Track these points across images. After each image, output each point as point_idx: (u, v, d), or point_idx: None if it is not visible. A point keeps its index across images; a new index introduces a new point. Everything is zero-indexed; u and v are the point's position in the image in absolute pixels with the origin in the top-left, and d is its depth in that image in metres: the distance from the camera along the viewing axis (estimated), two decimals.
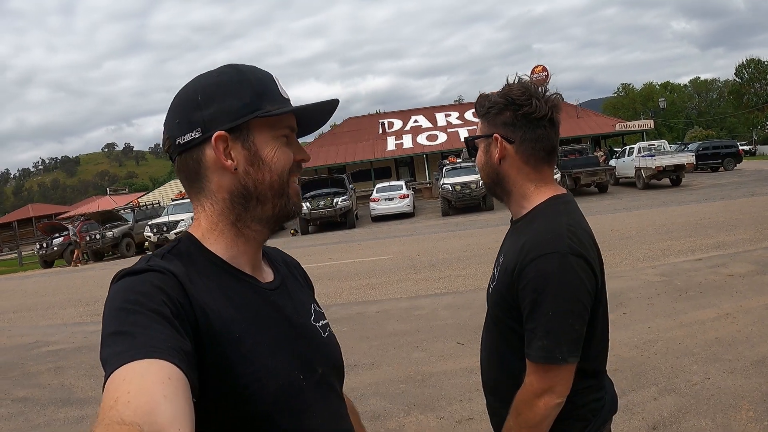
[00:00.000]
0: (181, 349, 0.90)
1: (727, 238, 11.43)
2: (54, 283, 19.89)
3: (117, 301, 0.96)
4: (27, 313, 13.38)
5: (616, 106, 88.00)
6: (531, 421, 1.58)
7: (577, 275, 1.55)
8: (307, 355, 1.19)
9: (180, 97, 1.17)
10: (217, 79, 1.15)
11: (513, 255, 1.65)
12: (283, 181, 1.18)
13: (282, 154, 1.17)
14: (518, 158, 1.72)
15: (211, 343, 1.01)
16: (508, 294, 1.65)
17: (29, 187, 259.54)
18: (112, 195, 63.96)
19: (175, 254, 1.12)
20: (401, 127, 45.71)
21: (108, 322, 0.94)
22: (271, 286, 1.22)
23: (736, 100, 76.10)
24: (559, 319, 1.53)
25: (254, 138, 1.15)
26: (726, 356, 5.28)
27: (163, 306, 0.95)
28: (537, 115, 1.66)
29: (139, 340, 0.87)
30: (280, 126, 1.17)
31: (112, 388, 0.80)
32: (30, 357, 8.64)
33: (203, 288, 1.06)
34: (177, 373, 0.84)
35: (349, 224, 25.61)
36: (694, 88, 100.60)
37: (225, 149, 1.12)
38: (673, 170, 25.47)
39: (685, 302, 7.19)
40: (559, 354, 1.53)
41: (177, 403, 0.80)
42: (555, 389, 1.55)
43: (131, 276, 1.02)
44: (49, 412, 6.03)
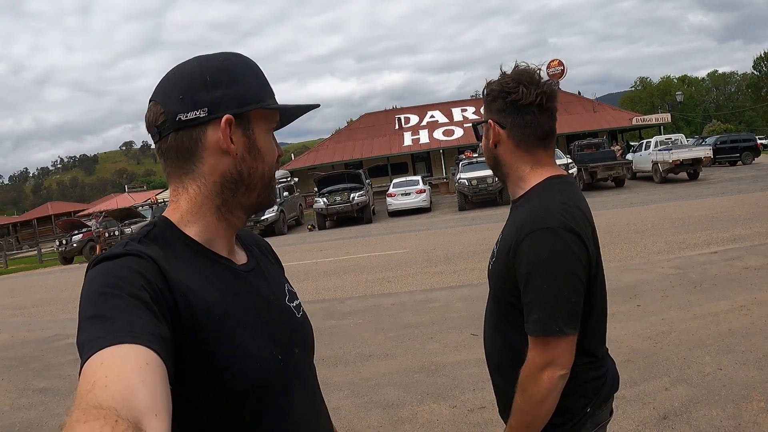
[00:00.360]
0: (159, 335, 0.88)
1: (743, 231, 11.37)
2: (74, 278, 20.10)
3: (95, 285, 0.94)
4: (47, 307, 13.57)
5: (633, 100, 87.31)
6: (537, 396, 1.60)
7: (570, 249, 1.59)
8: (285, 336, 1.20)
9: (183, 73, 1.15)
10: (225, 63, 1.16)
11: (510, 233, 1.71)
12: (272, 173, 1.22)
13: (272, 148, 1.22)
14: (510, 142, 1.79)
15: (191, 326, 1.00)
16: (506, 270, 1.69)
17: (48, 186, 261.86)
18: (130, 192, 64.46)
19: (152, 238, 1.11)
20: (417, 123, 45.61)
21: (85, 307, 0.92)
22: (247, 268, 1.23)
23: (754, 94, 75.33)
24: (554, 292, 1.58)
25: (253, 127, 1.17)
26: (739, 348, 5.28)
27: (142, 290, 0.94)
28: (524, 101, 1.72)
29: (117, 324, 0.86)
30: (272, 120, 1.22)
31: (90, 372, 0.79)
32: (50, 349, 8.79)
33: (181, 271, 1.05)
34: (155, 358, 0.83)
35: (366, 219, 25.63)
36: (712, 81, 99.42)
37: (230, 133, 1.13)
38: (690, 164, 25.25)
39: (699, 294, 7.18)
40: (555, 326, 1.56)
41: (154, 388, 0.79)
42: (557, 361, 1.59)
43: (109, 260, 1.00)
44: (69, 403, 6.08)
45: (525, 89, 1.71)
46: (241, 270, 1.20)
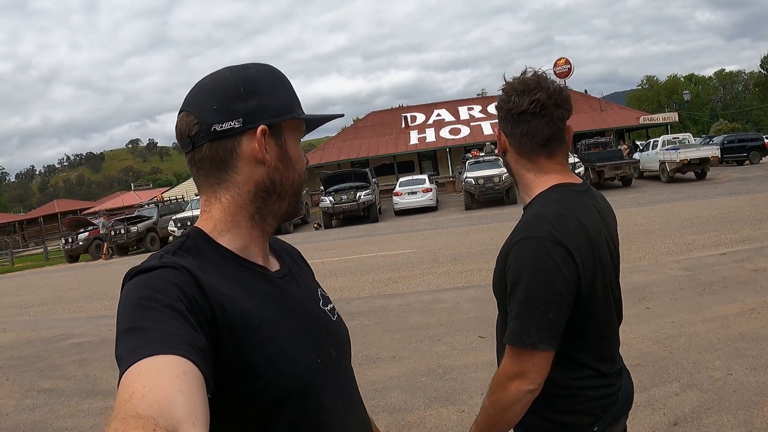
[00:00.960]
0: (196, 345, 0.90)
1: (752, 232, 11.27)
2: (79, 277, 20.16)
3: (131, 298, 0.97)
4: (52, 306, 13.59)
5: (640, 99, 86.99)
6: (502, 403, 1.59)
7: (552, 261, 1.55)
8: (321, 340, 1.21)
9: (216, 83, 1.17)
10: (256, 74, 1.18)
11: (507, 241, 1.69)
12: (301, 181, 1.25)
13: (302, 156, 1.24)
14: (513, 150, 1.80)
15: (228, 335, 1.01)
16: (500, 277, 1.69)
17: (54, 183, 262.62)
18: (136, 190, 64.61)
19: (186, 249, 1.13)
20: (424, 121, 45.59)
21: (122, 319, 0.94)
22: (280, 275, 1.25)
23: (762, 93, 74.92)
24: (531, 304, 1.55)
25: (285, 137, 1.20)
26: (749, 352, 5.21)
27: (178, 302, 0.96)
28: (516, 110, 1.71)
29: (154, 335, 0.88)
30: (300, 129, 1.25)
31: (128, 383, 0.81)
32: (55, 349, 8.78)
33: (217, 281, 1.06)
34: (192, 368, 0.85)
35: (372, 218, 25.60)
36: (719, 80, 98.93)
37: (264, 143, 1.15)
38: (697, 163, 25.15)
39: (708, 297, 7.11)
40: (527, 338, 1.53)
41: (192, 397, 0.80)
42: (527, 375, 1.55)
43: (144, 273, 1.02)
44: (74, 403, 6.13)
45: (517, 98, 1.70)
46: (275, 277, 1.22)
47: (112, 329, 4.33)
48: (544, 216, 1.63)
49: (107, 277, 18.20)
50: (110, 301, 12.82)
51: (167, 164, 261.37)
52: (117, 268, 21.17)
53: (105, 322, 10.36)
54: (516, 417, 1.61)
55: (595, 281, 1.65)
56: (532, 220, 1.64)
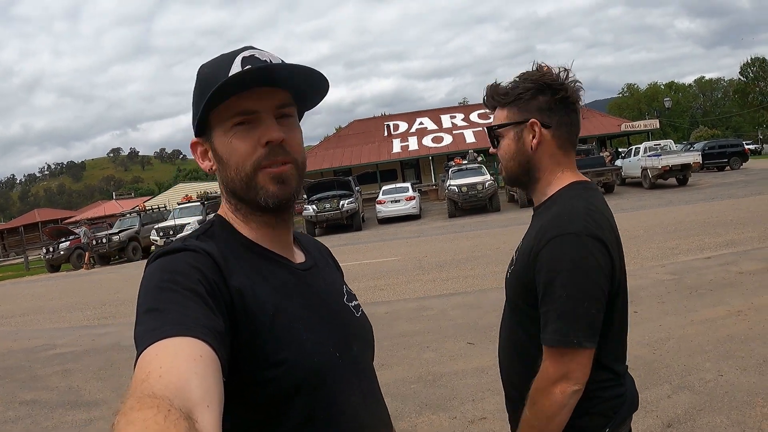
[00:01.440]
0: (213, 328, 0.90)
1: (735, 236, 11.37)
2: (61, 286, 19.93)
3: (153, 279, 0.98)
4: (34, 316, 13.41)
5: (621, 107, 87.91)
6: (548, 411, 1.51)
7: (593, 257, 1.51)
8: (342, 334, 1.19)
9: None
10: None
11: (530, 238, 1.63)
12: (244, 175, 1.13)
13: (237, 146, 1.12)
14: (554, 143, 1.68)
15: (245, 321, 1.02)
16: (525, 277, 1.61)
17: (35, 192, 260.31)
18: (117, 199, 64.17)
19: (209, 235, 1.14)
20: (407, 130, 45.61)
21: (143, 300, 0.95)
22: (304, 267, 1.23)
23: (741, 99, 75.84)
24: (574, 302, 1.49)
25: (213, 137, 1.15)
26: (739, 353, 5.23)
27: (198, 285, 0.96)
28: (572, 99, 1.65)
29: (172, 317, 0.88)
30: (231, 112, 1.11)
31: (145, 363, 0.82)
32: (37, 360, 8.64)
33: (237, 268, 1.08)
34: (208, 351, 0.85)
35: (356, 226, 25.57)
36: (699, 87, 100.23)
37: (203, 152, 1.18)
38: (679, 170, 25.38)
39: (696, 300, 7.14)
40: (574, 337, 1.47)
41: (207, 380, 0.81)
42: (572, 375, 1.49)
43: (167, 255, 1.04)
44: (57, 415, 6.02)
45: (571, 86, 1.65)
46: (298, 268, 1.21)
47: (95, 340, 4.30)
48: (577, 211, 1.56)
49: (89, 287, 18.02)
50: (93, 311, 12.67)
51: (149, 173, 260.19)
52: (98, 277, 20.99)
53: (88, 332, 10.24)
54: (563, 424, 1.53)
55: (622, 277, 1.64)
56: (564, 216, 1.56)
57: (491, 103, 1.74)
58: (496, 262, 11.43)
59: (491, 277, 10.06)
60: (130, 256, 26.87)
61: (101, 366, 7.71)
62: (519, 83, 1.68)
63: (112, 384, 6.80)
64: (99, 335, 9.79)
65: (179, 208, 29.07)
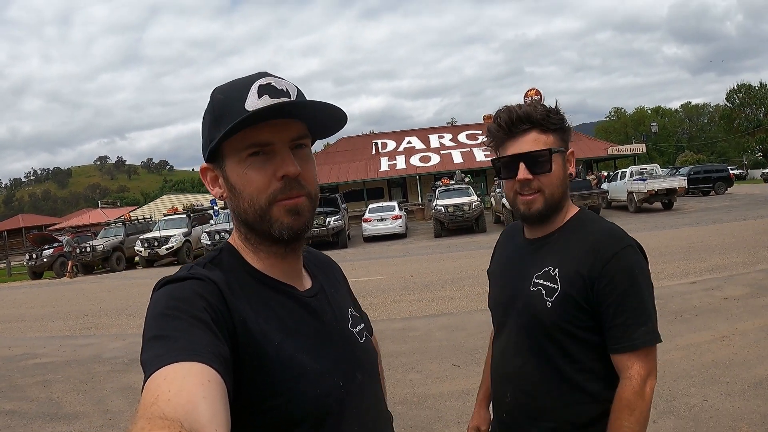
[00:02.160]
0: (220, 354, 0.92)
1: (720, 261, 11.45)
2: (43, 294, 19.71)
3: (159, 307, 0.99)
4: (15, 324, 13.24)
5: (607, 130, 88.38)
6: (645, 411, 1.59)
7: (647, 265, 1.69)
8: (347, 362, 1.19)
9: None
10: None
11: (577, 261, 1.67)
12: (258, 207, 1.12)
13: (252, 178, 1.11)
14: (569, 167, 1.80)
15: (248, 351, 1.02)
16: (581, 299, 1.65)
17: (20, 197, 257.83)
18: (103, 208, 63.74)
19: (216, 264, 1.15)
20: (395, 148, 45.75)
21: (150, 327, 0.96)
22: (310, 293, 1.23)
23: (727, 125, 76.56)
24: (650, 304, 1.65)
25: (226, 165, 1.13)
26: (724, 379, 5.25)
27: (203, 312, 0.98)
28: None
29: (179, 343, 0.89)
30: (246, 144, 1.10)
31: (153, 386, 0.82)
32: (17, 369, 8.52)
33: (242, 297, 1.08)
34: (216, 376, 0.86)
35: (341, 244, 25.44)
36: (685, 112, 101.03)
37: (213, 178, 1.17)
38: (665, 194, 25.62)
39: (680, 325, 7.17)
40: (657, 335, 1.64)
41: (215, 404, 0.82)
42: (654, 371, 1.64)
43: (173, 283, 1.05)
44: (36, 426, 5.93)
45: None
46: (304, 296, 1.21)
47: (76, 350, 4.26)
48: (617, 228, 1.73)
49: (71, 296, 17.83)
50: (75, 321, 12.53)
51: (135, 183, 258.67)
52: (81, 287, 20.78)
53: (69, 342, 10.12)
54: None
55: None
56: (613, 232, 1.70)
57: (547, 123, 1.72)
58: (481, 283, 11.38)
59: (477, 298, 10.01)
60: (113, 266, 26.64)
61: (82, 378, 7.61)
62: (556, 113, 1.74)
63: (93, 397, 6.71)
64: (80, 346, 9.68)
65: (165, 220, 28.91)
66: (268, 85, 1.11)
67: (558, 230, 1.78)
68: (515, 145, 1.73)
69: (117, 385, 7.08)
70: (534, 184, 1.72)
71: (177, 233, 26.23)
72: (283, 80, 1.14)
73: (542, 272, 1.74)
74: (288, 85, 1.14)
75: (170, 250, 25.57)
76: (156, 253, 25.63)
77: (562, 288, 1.68)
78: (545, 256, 1.76)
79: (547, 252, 1.76)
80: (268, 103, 1.08)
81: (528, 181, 1.71)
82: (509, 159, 1.74)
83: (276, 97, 1.09)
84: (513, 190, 1.76)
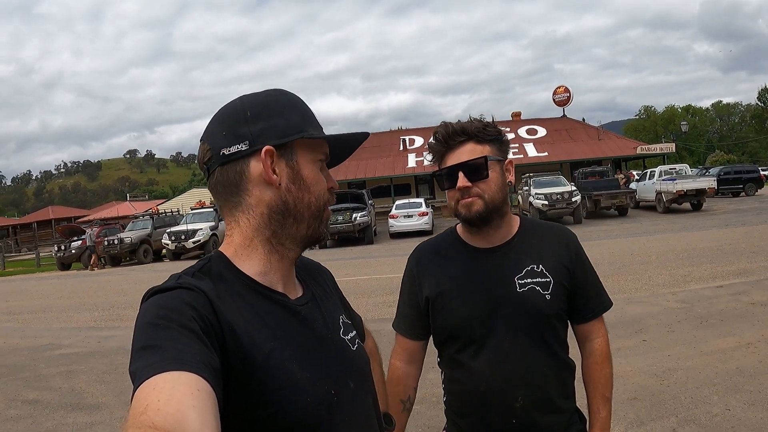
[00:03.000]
0: (209, 364, 0.91)
1: (748, 265, 11.25)
2: (70, 286, 20.01)
3: (148, 317, 0.98)
4: (42, 314, 13.46)
5: (637, 129, 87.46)
6: (611, 359, 1.99)
7: None
8: (339, 370, 1.19)
9: (226, 110, 1.19)
10: (266, 99, 1.19)
11: (557, 254, 1.90)
12: (320, 203, 1.21)
13: (322, 179, 1.22)
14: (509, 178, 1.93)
15: (238, 361, 1.02)
16: (567, 284, 1.87)
17: (50, 190, 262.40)
18: (132, 201, 64.50)
19: (205, 272, 1.13)
20: (422, 144, 45.53)
21: (138, 337, 0.95)
22: (301, 302, 1.23)
23: (758, 125, 75.48)
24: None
25: (297, 158, 1.18)
26: (747, 387, 5.15)
27: (192, 322, 0.97)
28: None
29: (169, 353, 0.89)
30: (319, 151, 1.21)
31: (143, 396, 0.82)
32: (42, 359, 8.67)
33: (232, 306, 1.07)
34: (205, 386, 0.86)
35: (368, 240, 25.46)
36: (716, 111, 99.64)
37: (271, 164, 1.15)
38: (694, 195, 25.24)
39: (705, 330, 7.05)
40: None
41: (205, 413, 0.82)
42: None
43: (162, 293, 1.04)
44: (59, 416, 6.01)
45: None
46: (295, 304, 1.20)
47: (101, 342, 4.28)
48: (561, 225, 2.09)
49: (98, 288, 18.09)
50: (101, 313, 12.71)
51: (164, 176, 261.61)
52: (108, 278, 21.06)
53: (94, 334, 10.26)
54: None
55: None
56: (564, 228, 2.02)
57: (482, 135, 1.84)
58: None
59: None
60: (140, 259, 26.98)
61: (105, 369, 7.71)
62: (492, 126, 1.87)
63: (115, 388, 6.79)
64: (105, 337, 9.82)
65: (192, 214, 29.20)
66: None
67: (518, 234, 1.92)
68: (453, 156, 1.84)
69: None
70: (473, 191, 1.82)
71: (204, 227, 26.46)
72: None
73: (524, 272, 1.85)
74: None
75: (197, 243, 25.81)
76: (183, 246, 25.88)
77: (554, 279, 1.85)
78: (519, 258, 1.88)
79: (518, 254, 1.89)
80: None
81: (467, 188, 1.81)
82: (448, 170, 1.85)
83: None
84: (455, 198, 1.86)
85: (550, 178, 26.77)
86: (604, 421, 1.92)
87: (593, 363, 1.95)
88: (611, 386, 1.95)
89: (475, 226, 1.87)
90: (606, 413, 1.92)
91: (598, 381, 1.94)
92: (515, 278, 1.84)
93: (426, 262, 2.04)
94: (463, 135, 1.83)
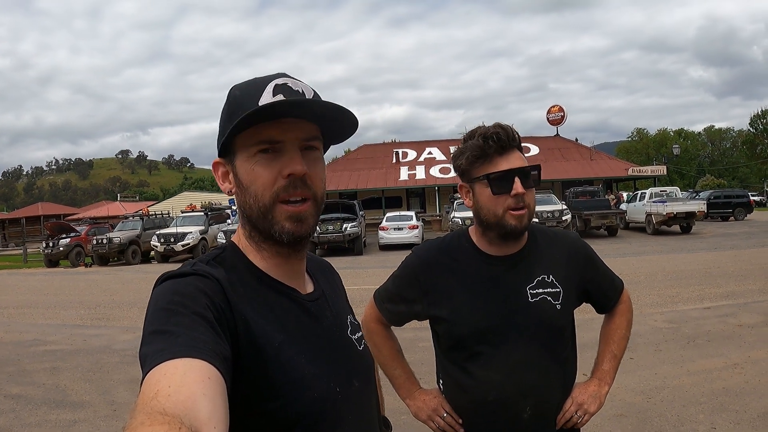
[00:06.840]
0: (220, 353, 0.91)
1: (736, 287, 11.31)
2: (57, 283, 19.89)
3: (161, 301, 0.98)
4: (28, 310, 13.38)
5: (629, 150, 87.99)
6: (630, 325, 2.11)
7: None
8: (344, 368, 1.18)
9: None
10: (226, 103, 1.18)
11: (564, 265, 1.89)
12: (262, 204, 1.12)
13: (259, 174, 1.11)
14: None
15: (248, 351, 1.02)
16: (578, 293, 1.92)
17: (40, 186, 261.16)
18: (122, 201, 64.23)
19: (219, 261, 1.13)
20: (415, 158, 45.75)
21: (151, 321, 0.95)
22: (311, 297, 1.22)
23: (749, 150, 75.97)
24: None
25: (235, 160, 1.14)
26: (733, 407, 5.17)
27: (206, 310, 0.97)
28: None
29: (180, 339, 0.89)
30: (254, 140, 1.10)
31: (153, 381, 0.82)
32: (27, 354, 8.60)
33: (244, 296, 1.07)
34: (216, 374, 0.86)
35: (357, 251, 25.34)
36: (708, 136, 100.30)
37: (224, 173, 1.17)
38: (683, 217, 25.37)
39: (692, 350, 7.08)
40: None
41: (215, 402, 0.81)
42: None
43: (176, 278, 1.04)
44: (42, 413, 5.96)
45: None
46: (306, 300, 1.20)
47: (86, 340, 4.27)
48: (560, 229, 2.25)
49: (85, 286, 17.99)
50: (87, 311, 12.63)
51: (155, 178, 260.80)
52: (95, 278, 20.95)
53: (80, 331, 10.20)
54: None
55: None
56: (565, 232, 2.06)
57: (515, 143, 1.79)
58: None
59: None
60: (129, 259, 26.82)
61: (90, 368, 7.65)
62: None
63: (99, 387, 6.74)
64: (91, 336, 9.76)
65: (182, 217, 29.11)
66: (284, 85, 1.12)
67: (528, 242, 1.89)
68: (505, 161, 1.75)
69: (124, 376, 7.11)
70: (526, 200, 1.77)
71: (193, 230, 26.38)
72: (301, 82, 1.15)
73: (535, 282, 1.83)
74: (305, 87, 1.14)
75: (186, 247, 25.68)
76: (171, 248, 25.74)
77: (563, 289, 1.84)
78: (530, 268, 1.85)
79: (530, 263, 1.86)
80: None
81: (521, 195, 1.74)
82: (504, 173, 1.74)
83: (290, 97, 1.10)
84: (504, 206, 1.75)
85: (541, 197, 26.83)
86: (605, 373, 1.97)
87: (611, 322, 2.06)
88: (623, 348, 2.03)
89: (514, 238, 1.83)
90: (609, 367, 1.98)
91: (611, 338, 2.02)
92: (527, 288, 1.82)
93: (437, 274, 1.92)
94: (514, 142, 1.78)
